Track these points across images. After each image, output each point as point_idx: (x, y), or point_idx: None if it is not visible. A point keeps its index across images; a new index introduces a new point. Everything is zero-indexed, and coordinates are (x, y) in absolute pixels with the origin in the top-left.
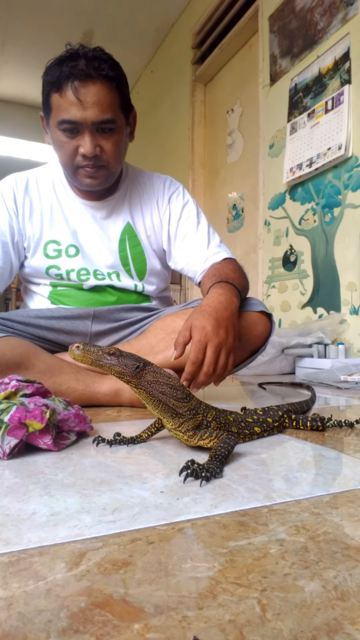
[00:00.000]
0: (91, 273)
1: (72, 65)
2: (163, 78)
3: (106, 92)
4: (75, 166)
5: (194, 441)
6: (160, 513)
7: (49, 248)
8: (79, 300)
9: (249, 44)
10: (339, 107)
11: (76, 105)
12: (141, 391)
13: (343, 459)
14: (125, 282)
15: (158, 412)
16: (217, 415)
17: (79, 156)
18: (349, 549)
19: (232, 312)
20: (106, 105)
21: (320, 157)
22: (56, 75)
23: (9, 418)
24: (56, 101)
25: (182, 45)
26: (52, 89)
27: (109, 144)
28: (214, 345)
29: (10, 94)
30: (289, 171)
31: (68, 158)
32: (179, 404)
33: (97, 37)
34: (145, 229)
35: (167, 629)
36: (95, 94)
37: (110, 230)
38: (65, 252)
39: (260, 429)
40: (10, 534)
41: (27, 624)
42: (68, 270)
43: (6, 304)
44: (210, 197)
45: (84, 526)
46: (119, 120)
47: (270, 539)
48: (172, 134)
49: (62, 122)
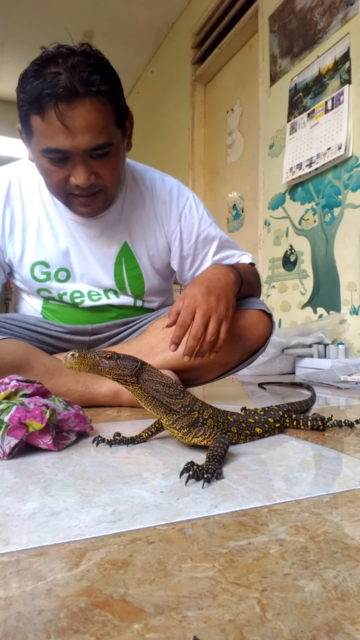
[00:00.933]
0: (85, 295)
1: (53, 79)
2: (163, 78)
3: (98, 112)
4: (66, 193)
5: (188, 439)
6: (160, 513)
7: (36, 270)
8: (74, 318)
9: (249, 44)
10: (339, 107)
11: (63, 132)
12: (137, 389)
13: (343, 459)
14: (123, 299)
15: (151, 408)
16: (214, 413)
17: (70, 185)
18: (349, 549)
19: (226, 283)
20: (100, 128)
21: (320, 157)
22: (34, 93)
23: (9, 418)
24: (38, 125)
25: (182, 45)
26: (31, 111)
27: (105, 169)
28: (203, 310)
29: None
30: (288, 171)
31: (57, 186)
32: (173, 400)
33: (97, 37)
34: (147, 247)
35: (167, 629)
36: (85, 117)
37: (105, 251)
38: (55, 276)
39: (262, 430)
40: (10, 534)
41: (27, 624)
42: (60, 293)
43: (6, 304)
44: (210, 197)
45: (84, 526)
46: (115, 139)
47: (270, 539)
48: (172, 134)
49: (47, 150)
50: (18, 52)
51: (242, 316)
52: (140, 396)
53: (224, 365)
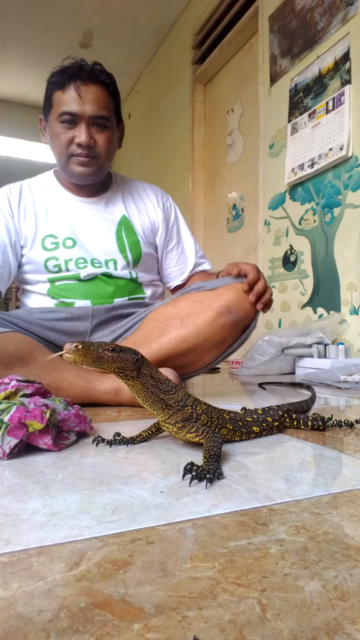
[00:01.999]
0: (89, 262)
1: (76, 69)
2: (163, 78)
3: (103, 94)
4: (69, 154)
5: (182, 434)
6: (160, 513)
7: (46, 242)
8: (78, 292)
9: (249, 44)
10: (340, 108)
11: (76, 100)
12: (137, 384)
13: (343, 459)
14: (120, 271)
15: (149, 404)
16: (207, 409)
17: (73, 145)
18: (349, 549)
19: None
20: (103, 104)
21: (322, 157)
22: (60, 77)
23: (9, 418)
24: (58, 98)
25: (182, 45)
26: (56, 88)
27: (102, 138)
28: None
29: (10, 94)
30: (290, 172)
31: (63, 147)
32: (167, 396)
33: (97, 37)
34: (141, 222)
35: (167, 629)
36: (94, 93)
37: (107, 219)
38: (63, 244)
39: (259, 428)
40: (10, 534)
41: (27, 624)
42: (66, 260)
43: (6, 304)
44: (210, 197)
45: (84, 526)
46: (112, 120)
47: (270, 539)
48: (172, 134)
49: (62, 113)
50: (18, 52)
51: (228, 290)
52: (139, 391)
53: (219, 343)
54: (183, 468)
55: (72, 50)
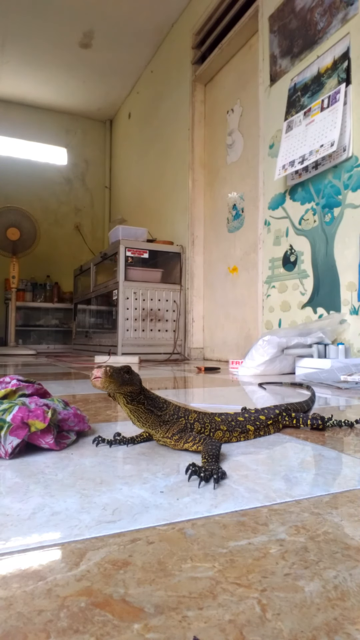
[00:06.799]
0: None
1: None
2: (163, 78)
3: None
4: None
5: (180, 444)
6: (160, 513)
7: None
8: None
9: (249, 44)
10: (335, 105)
11: None
12: (140, 407)
13: (343, 459)
14: None
15: (150, 425)
16: (198, 417)
17: None
18: (349, 549)
19: None
20: None
21: (312, 154)
22: None
23: (11, 418)
24: None
25: (182, 45)
26: None
27: None
28: None
29: (10, 94)
30: (281, 168)
31: None
32: (162, 412)
33: (97, 37)
34: None
35: (167, 629)
36: None
37: None
38: None
39: (254, 427)
40: (10, 534)
41: (27, 624)
42: None
43: (6, 304)
44: (210, 197)
45: (84, 526)
46: None
47: (270, 539)
48: (172, 134)
49: None
50: (18, 52)
51: None
52: (141, 413)
53: None
54: (185, 469)
55: (72, 50)
